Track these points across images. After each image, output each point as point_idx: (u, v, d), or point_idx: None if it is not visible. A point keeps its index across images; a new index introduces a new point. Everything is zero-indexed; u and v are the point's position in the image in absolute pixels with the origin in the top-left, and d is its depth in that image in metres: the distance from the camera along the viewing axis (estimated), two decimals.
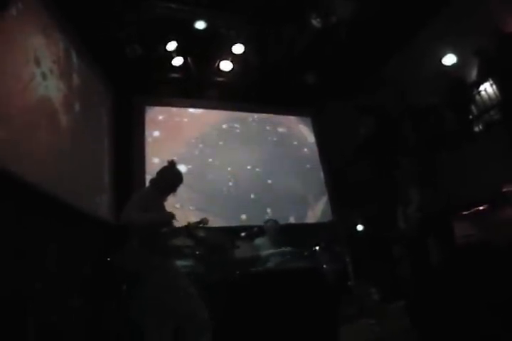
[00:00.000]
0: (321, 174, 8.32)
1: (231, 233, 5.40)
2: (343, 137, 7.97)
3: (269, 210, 7.41)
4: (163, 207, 3.34)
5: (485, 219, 5.70)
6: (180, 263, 3.72)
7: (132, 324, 3.76)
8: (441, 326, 3.39)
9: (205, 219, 3.42)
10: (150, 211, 3.09)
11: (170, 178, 3.41)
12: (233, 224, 6.86)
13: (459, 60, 6.45)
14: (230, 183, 7.55)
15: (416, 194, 4.20)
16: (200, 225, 3.42)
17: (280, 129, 8.63)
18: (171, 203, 3.74)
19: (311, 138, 8.76)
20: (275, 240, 5.36)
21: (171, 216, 3.16)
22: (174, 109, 8.02)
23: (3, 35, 3.95)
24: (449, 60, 6.49)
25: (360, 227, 6.90)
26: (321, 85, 7.90)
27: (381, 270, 5.89)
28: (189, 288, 3.10)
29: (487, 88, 6.08)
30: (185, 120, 7.95)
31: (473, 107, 6.32)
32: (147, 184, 3.60)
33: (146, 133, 7.41)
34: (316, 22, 6.37)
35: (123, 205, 3.11)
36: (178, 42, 6.76)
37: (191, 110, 8.13)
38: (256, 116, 8.58)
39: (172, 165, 3.46)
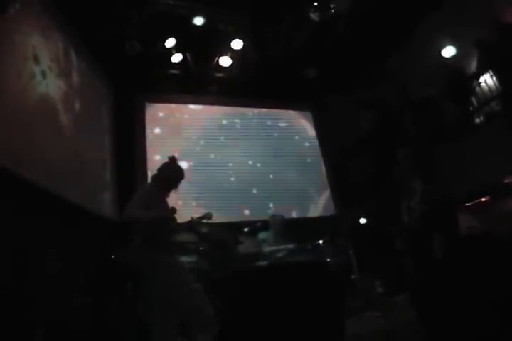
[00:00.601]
0: (323, 168, 8.32)
1: (234, 228, 5.41)
2: (344, 131, 7.96)
3: (271, 205, 7.42)
4: (165, 204, 3.33)
5: (486, 210, 5.71)
6: (184, 259, 3.73)
7: (138, 321, 3.77)
8: (445, 318, 3.40)
9: (208, 213, 3.43)
10: (152, 208, 3.09)
11: (171, 174, 3.41)
12: (236, 219, 6.86)
13: (458, 52, 6.42)
14: (232, 179, 7.55)
15: (419, 186, 4.20)
16: (204, 220, 3.43)
17: (281, 124, 8.61)
18: (174, 200, 3.75)
19: (312, 132, 8.73)
20: (279, 234, 5.37)
21: (172, 210, 3.16)
22: (174, 106, 8.01)
23: (2, 35, 3.95)
24: (449, 51, 6.46)
25: (363, 220, 6.90)
26: (321, 79, 7.87)
27: (385, 263, 5.89)
28: (194, 284, 3.11)
29: (487, 79, 6.06)
30: (186, 116, 7.95)
31: (473, 99, 6.30)
32: (149, 181, 3.61)
33: (147, 130, 7.40)
34: (314, 16, 6.34)
35: (125, 202, 3.12)
36: (176, 39, 6.73)
37: (191, 106, 8.12)
38: (256, 111, 8.56)
39: (173, 161, 3.46)
